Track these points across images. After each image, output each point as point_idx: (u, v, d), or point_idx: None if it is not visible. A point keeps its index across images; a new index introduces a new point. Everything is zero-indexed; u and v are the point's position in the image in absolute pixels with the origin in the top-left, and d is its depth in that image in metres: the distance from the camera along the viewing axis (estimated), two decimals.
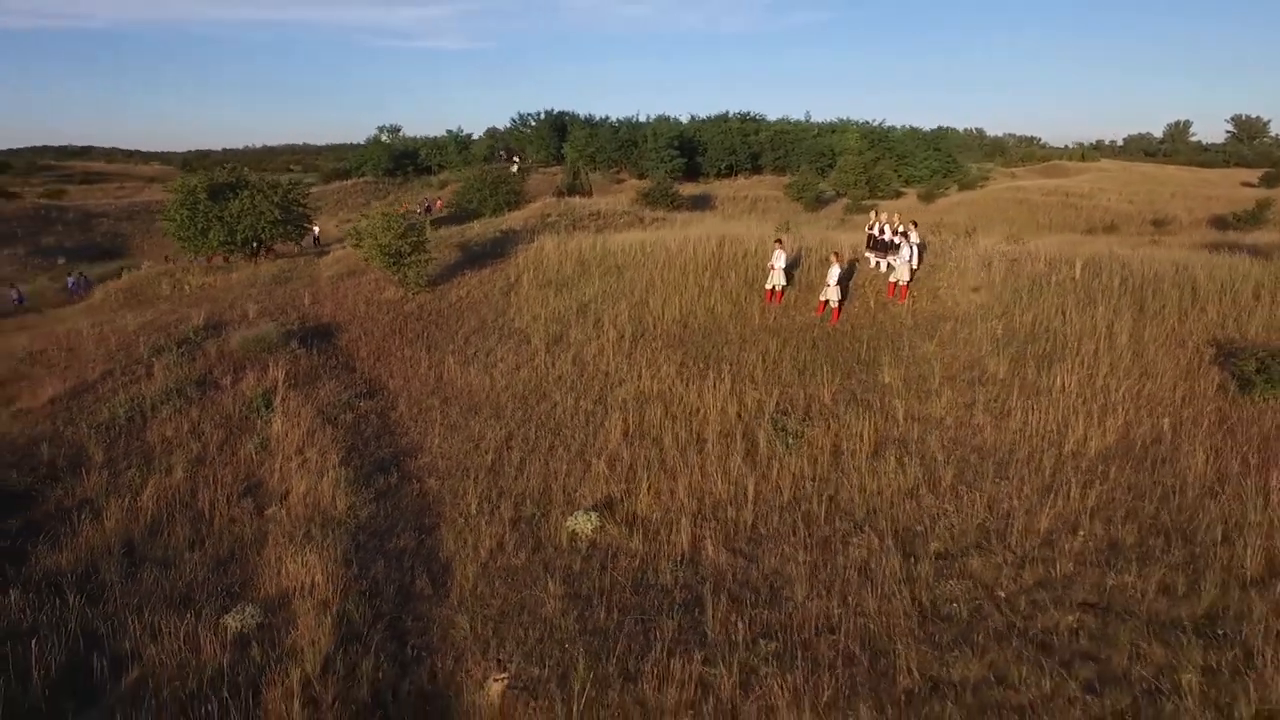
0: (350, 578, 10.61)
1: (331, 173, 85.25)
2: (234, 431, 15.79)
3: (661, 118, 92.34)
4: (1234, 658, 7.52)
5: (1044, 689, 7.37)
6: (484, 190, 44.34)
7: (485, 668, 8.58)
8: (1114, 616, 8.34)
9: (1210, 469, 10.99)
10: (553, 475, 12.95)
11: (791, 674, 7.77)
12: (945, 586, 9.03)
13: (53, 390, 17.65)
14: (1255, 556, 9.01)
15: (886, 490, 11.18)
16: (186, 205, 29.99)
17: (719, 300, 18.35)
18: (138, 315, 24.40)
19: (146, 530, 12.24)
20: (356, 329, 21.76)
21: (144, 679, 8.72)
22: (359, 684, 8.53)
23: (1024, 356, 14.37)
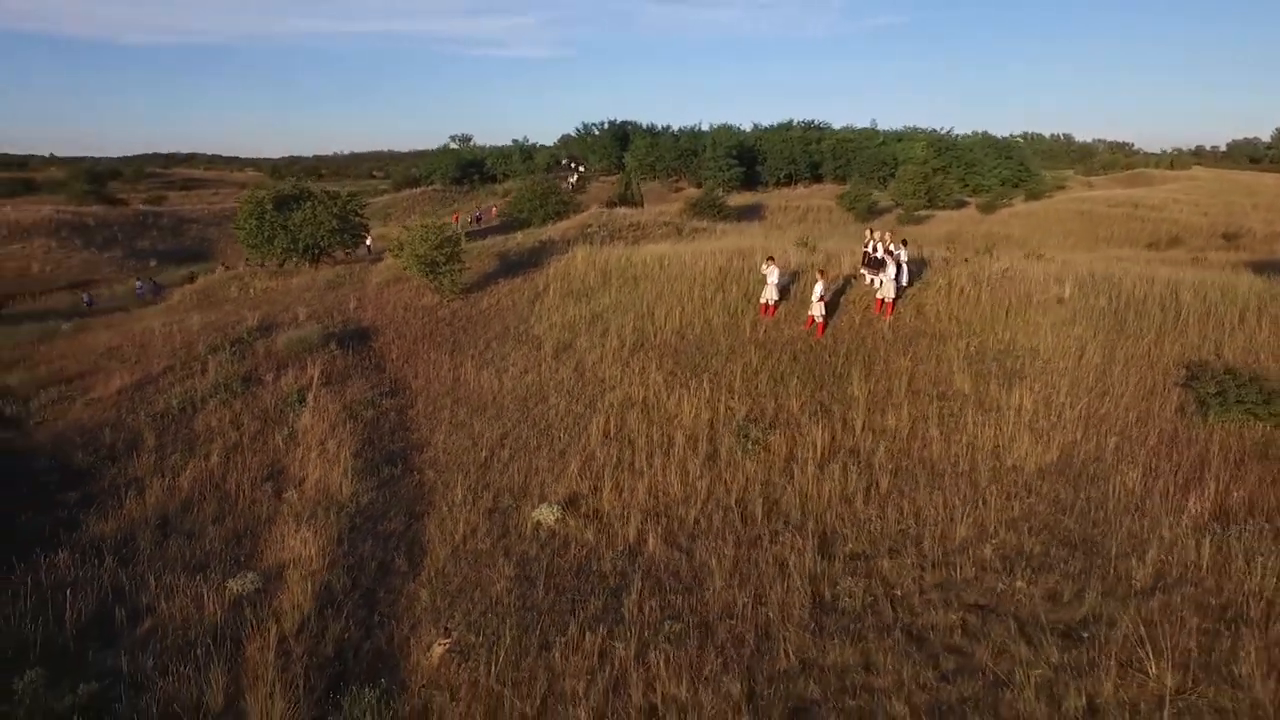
0: (340, 554, 12.10)
1: (403, 180, 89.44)
2: (269, 423, 17.63)
3: (723, 126, 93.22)
4: (1086, 658, 8.14)
5: (903, 675, 8.17)
6: (534, 200, 46.22)
7: (433, 634, 9.87)
8: (995, 617, 9.03)
9: (1140, 487, 11.41)
10: (534, 471, 14.20)
11: (684, 651, 8.78)
12: (848, 583, 9.85)
13: (120, 382, 19.95)
14: (1146, 570, 9.51)
15: (825, 495, 11.99)
16: (254, 215, 32.68)
17: (717, 312, 19.30)
18: (204, 316, 26.90)
19: (180, 506, 14.07)
20: (391, 332, 23.55)
21: (154, 629, 10.37)
22: (326, 642, 9.95)
23: (990, 373, 14.85)
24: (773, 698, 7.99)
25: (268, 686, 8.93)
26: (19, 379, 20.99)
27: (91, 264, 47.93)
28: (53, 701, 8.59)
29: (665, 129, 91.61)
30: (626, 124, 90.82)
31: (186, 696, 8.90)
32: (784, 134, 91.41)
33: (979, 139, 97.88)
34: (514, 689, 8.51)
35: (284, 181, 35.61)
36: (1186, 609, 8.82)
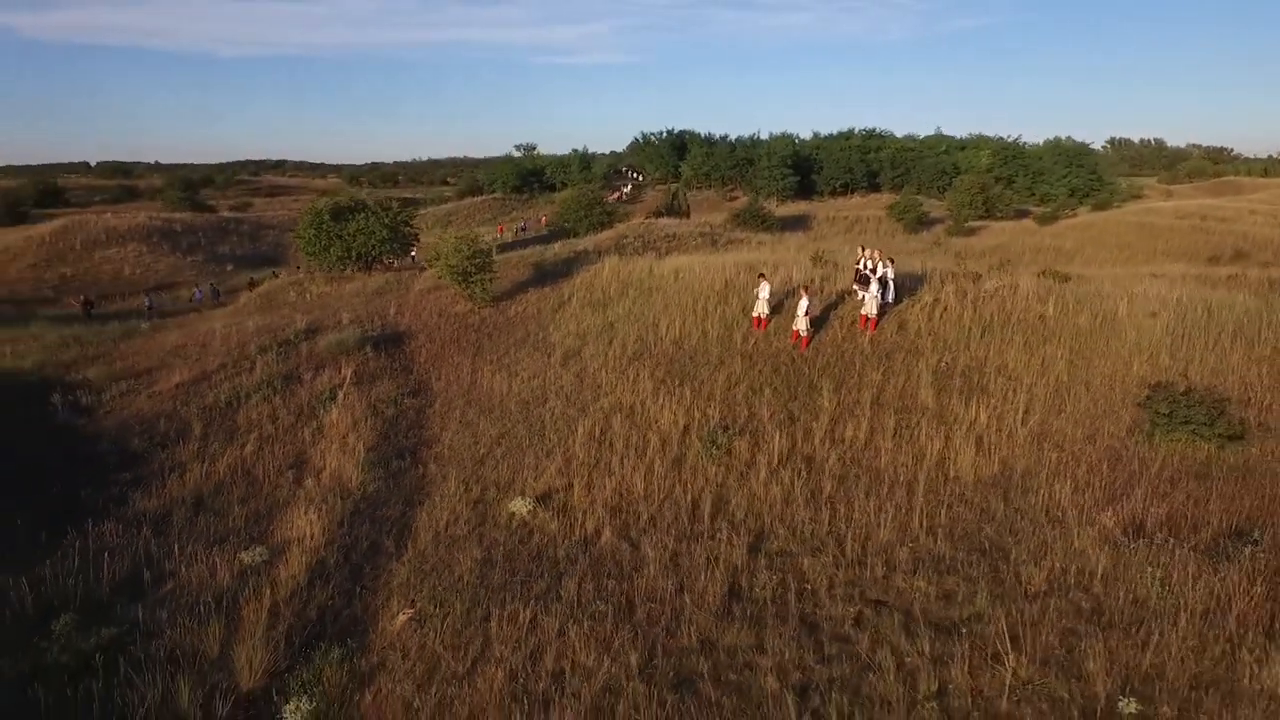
0: (338, 534, 13.72)
1: (466, 188, 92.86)
2: (301, 417, 19.56)
3: (783, 135, 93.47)
4: (954, 650, 8.97)
5: (786, 657, 9.16)
6: (580, 211, 47.92)
7: (400, 605, 11.32)
8: (888, 611, 9.91)
9: (1068, 501, 12.00)
10: (520, 468, 15.58)
11: (602, 627, 9.97)
12: (764, 576, 10.85)
13: (179, 377, 22.30)
14: (1041, 576, 10.21)
15: (770, 498, 12.97)
16: (313, 225, 35.30)
17: (713, 324, 20.34)
18: (262, 319, 29.37)
19: (213, 488, 16.01)
20: (423, 337, 25.39)
21: (173, 589, 12.15)
22: (311, 608, 11.52)
23: (954, 389, 15.49)
24: (664, 669, 9.11)
25: (254, 640, 10.53)
26: (96, 372, 23.60)
27: (176, 267, 52.05)
28: (80, 642, 10.40)
29: (723, 138, 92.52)
30: (684, 133, 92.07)
31: (188, 644, 10.59)
32: (842, 143, 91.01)
33: (1048, 147, 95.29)
34: (452, 651, 9.87)
35: (360, 188, 38.14)
36: (1064, 612, 9.52)
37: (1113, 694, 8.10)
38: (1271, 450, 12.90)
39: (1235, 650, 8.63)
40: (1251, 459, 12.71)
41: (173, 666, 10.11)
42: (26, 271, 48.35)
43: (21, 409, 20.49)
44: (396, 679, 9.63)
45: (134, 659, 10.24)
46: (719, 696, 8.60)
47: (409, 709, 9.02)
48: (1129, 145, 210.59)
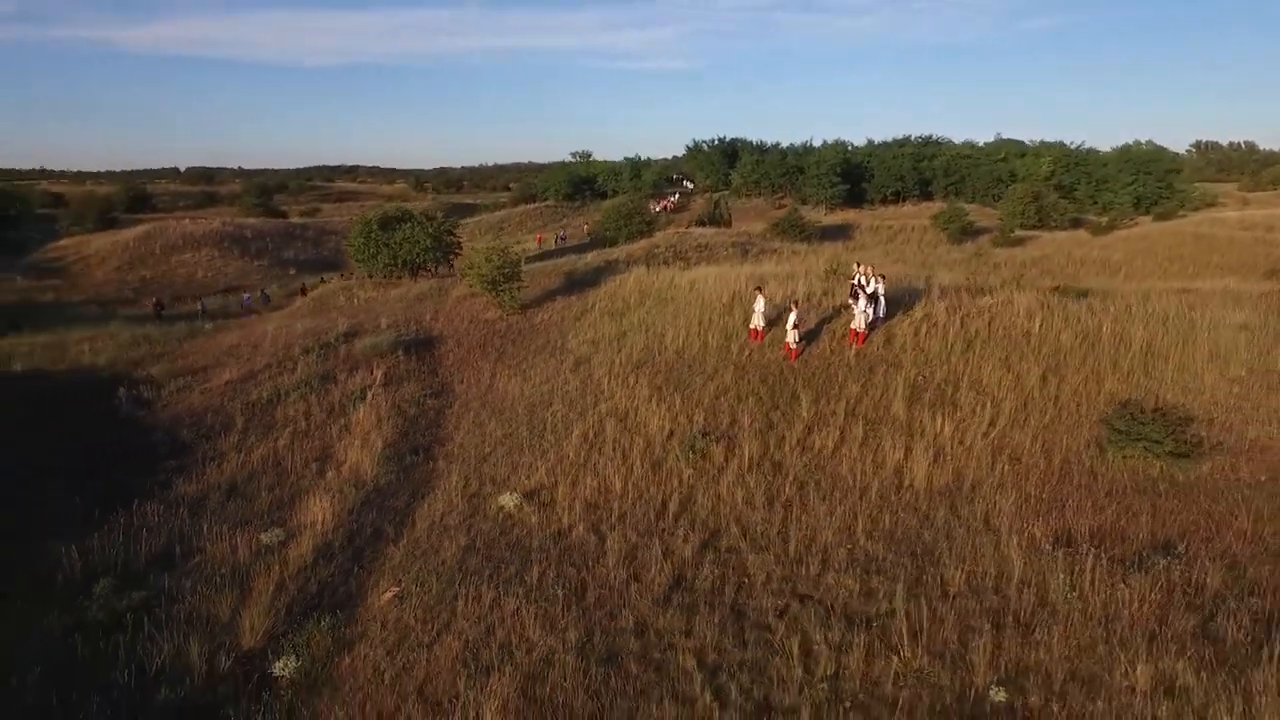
0: (347, 520, 15.28)
1: (520, 195, 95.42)
2: (332, 415, 21.35)
3: (834, 143, 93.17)
4: (859, 640, 9.86)
5: (708, 640, 10.19)
6: (619, 220, 49.30)
7: (388, 584, 12.75)
8: (812, 604, 10.83)
9: (1010, 510, 12.65)
10: (517, 466, 16.90)
11: (553, 608, 11.17)
12: (709, 570, 11.87)
13: (229, 375, 24.46)
14: (961, 578, 10.97)
15: (733, 499, 13.96)
16: (363, 233, 37.59)
17: (714, 335, 21.32)
18: (311, 322, 31.60)
19: (246, 476, 17.83)
20: (453, 342, 27.08)
21: (199, 563, 13.87)
22: (313, 583, 13.06)
23: (926, 402, 16.15)
24: (599, 646, 10.25)
25: (259, 608, 12.10)
26: (159, 369, 26.00)
27: (244, 271, 55.56)
28: (114, 603, 12.16)
29: (774, 146, 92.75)
30: (735, 141, 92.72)
31: (204, 609, 12.23)
32: (896, 150, 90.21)
33: (1115, 153, 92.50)
34: (421, 624, 11.22)
35: (424, 194, 40.28)
36: (972, 611, 10.28)
37: (990, 684, 8.88)
38: (1221, 468, 13.25)
39: (1116, 650, 9.28)
40: (1200, 476, 13.10)
41: (188, 627, 11.74)
42: (112, 274, 52.41)
43: (92, 402, 22.85)
44: (372, 645, 11.03)
45: (157, 619, 11.92)
46: (639, 671, 9.70)
47: (377, 670, 10.39)
48: (1216, 149, 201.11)
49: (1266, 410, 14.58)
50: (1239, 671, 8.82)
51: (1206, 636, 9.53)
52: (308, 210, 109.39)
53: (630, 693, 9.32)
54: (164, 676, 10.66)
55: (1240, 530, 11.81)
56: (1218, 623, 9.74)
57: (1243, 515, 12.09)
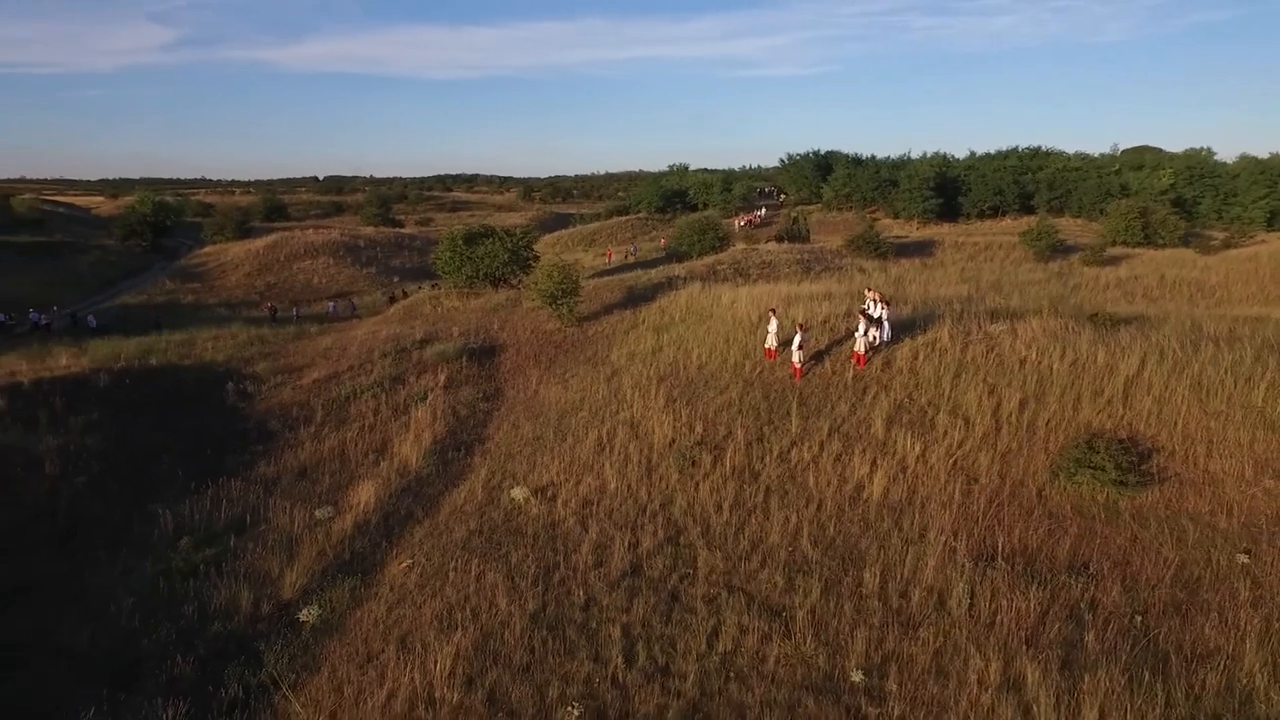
0: (387, 503, 17.98)
1: (613, 208, 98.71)
2: (396, 412, 24.38)
3: (935, 155, 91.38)
4: (765, 626, 11.46)
5: (640, 615, 12.04)
6: (693, 236, 51.14)
7: (405, 556, 15.26)
8: (739, 595, 12.46)
9: (945, 526, 13.79)
10: (536, 464, 19.15)
11: (523, 581, 13.31)
12: (661, 559, 13.68)
13: (318, 374, 28.09)
14: (877, 581, 12.33)
15: (704, 502, 15.67)
16: (449, 247, 41.20)
17: (734, 352, 22.92)
18: (396, 328, 35.21)
19: (315, 462, 20.97)
20: (512, 350, 29.81)
21: (264, 530, 16.88)
22: (346, 551, 15.75)
23: (905, 423, 17.24)
24: (549, 614, 12.29)
25: (302, 568, 14.88)
26: (263, 367, 30.03)
27: (354, 279, 61.07)
28: (193, 556, 15.27)
29: (870, 158, 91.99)
30: (830, 154, 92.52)
31: (259, 566, 15.12)
32: (999, 163, 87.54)
33: (1244, 163, 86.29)
34: (418, 589, 13.62)
35: (532, 203, 43.71)
36: (874, 609, 11.66)
37: (855, 668, 10.32)
38: (1167, 498, 13.83)
39: (980, 650, 10.48)
40: (1143, 505, 13.75)
41: (244, 579, 14.64)
42: (242, 279, 58.92)
43: (207, 393, 26.90)
44: (378, 603, 13.52)
45: (222, 571, 14.91)
46: (574, 637, 11.68)
47: (375, 622, 12.84)
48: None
49: (1233, 444, 14.87)
50: (1078, 674, 9.89)
51: (1068, 644, 10.57)
52: (421, 220, 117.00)
53: (560, 652, 11.33)
54: (219, 614, 13.54)
55: (1162, 556, 12.52)
56: (1085, 634, 10.73)
57: (1168, 543, 12.77)
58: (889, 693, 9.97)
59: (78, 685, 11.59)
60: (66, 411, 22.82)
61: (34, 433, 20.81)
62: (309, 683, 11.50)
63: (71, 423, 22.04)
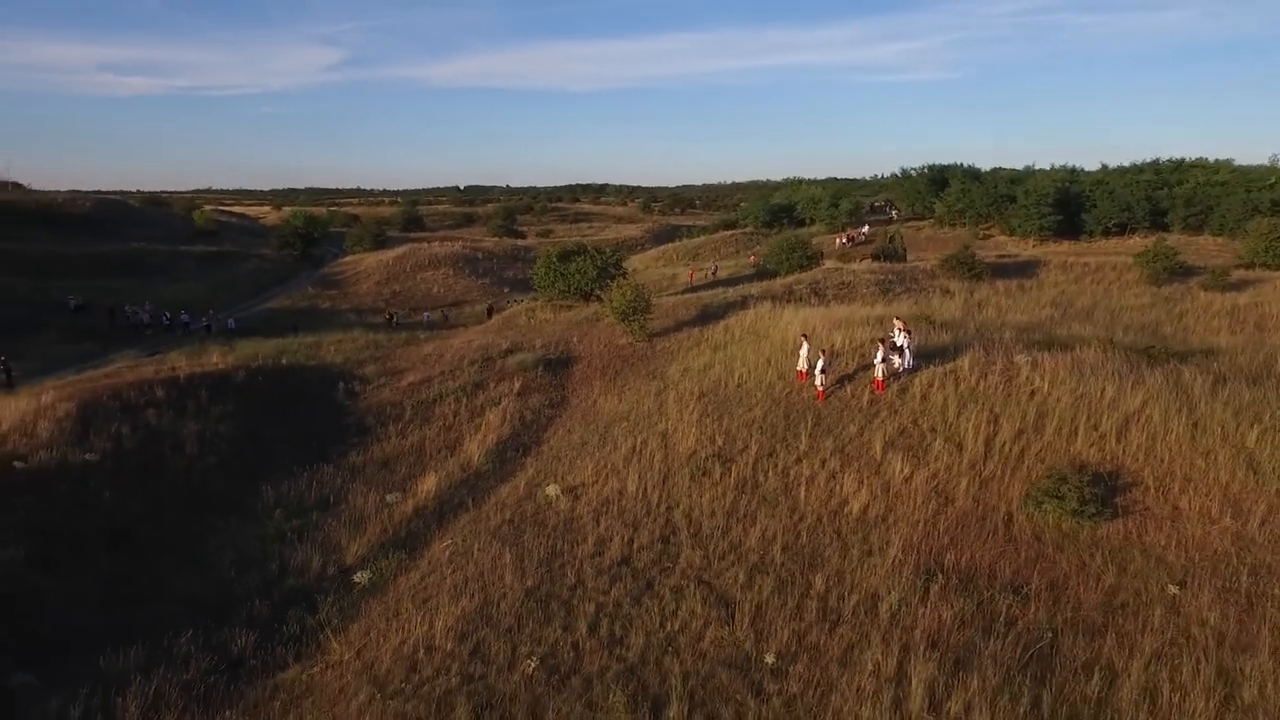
0: (445, 493, 21.04)
1: (721, 222, 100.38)
2: (473, 415, 27.65)
3: (1060, 169, 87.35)
4: (714, 614, 13.38)
5: (614, 597, 14.25)
6: (782, 254, 52.34)
7: (448, 538, 18.16)
8: (705, 586, 14.39)
9: (904, 541, 15.13)
10: (574, 467, 21.69)
11: (531, 563, 15.81)
12: (648, 553, 15.81)
13: (414, 378, 31.92)
14: (823, 584, 13.95)
15: (702, 507, 17.64)
16: (544, 264, 44.71)
17: (771, 372, 24.57)
18: (489, 338, 38.88)
19: (396, 455, 24.46)
20: (584, 362, 32.60)
21: (343, 509, 20.31)
22: (404, 530, 18.86)
23: (901, 446, 18.43)
24: (543, 590, 14.71)
25: (365, 541, 18.11)
26: (372, 369, 34.26)
27: (468, 289, 66.31)
28: (283, 525, 18.85)
29: (991, 170, 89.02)
30: (946, 168, 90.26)
31: (332, 537, 18.48)
32: (1133, 176, 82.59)
33: None
34: (447, 563, 16.44)
35: (650, 213, 46.63)
36: (808, 606, 13.32)
37: (770, 651, 12.10)
38: (1128, 530, 14.52)
39: (886, 646, 11.97)
40: (1102, 535, 14.51)
41: (319, 546, 18.01)
42: (372, 287, 65.38)
43: (322, 392, 31.22)
44: (416, 573, 16.44)
45: (303, 539, 18.36)
46: (555, 608, 14.04)
47: (409, 587, 15.74)
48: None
49: (1211, 482, 15.20)
50: (963, 674, 11.23)
51: (968, 649, 11.86)
52: (542, 231, 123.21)
53: (540, 620, 13.73)
54: (294, 571, 16.92)
55: (1102, 583, 13.41)
56: (989, 642, 11.97)
57: (1110, 571, 13.59)
58: (792, 674, 11.70)
59: (184, 617, 15.11)
60: (209, 402, 27.49)
61: (182, 419, 25.43)
62: (348, 628, 14.50)
63: (211, 412, 26.63)
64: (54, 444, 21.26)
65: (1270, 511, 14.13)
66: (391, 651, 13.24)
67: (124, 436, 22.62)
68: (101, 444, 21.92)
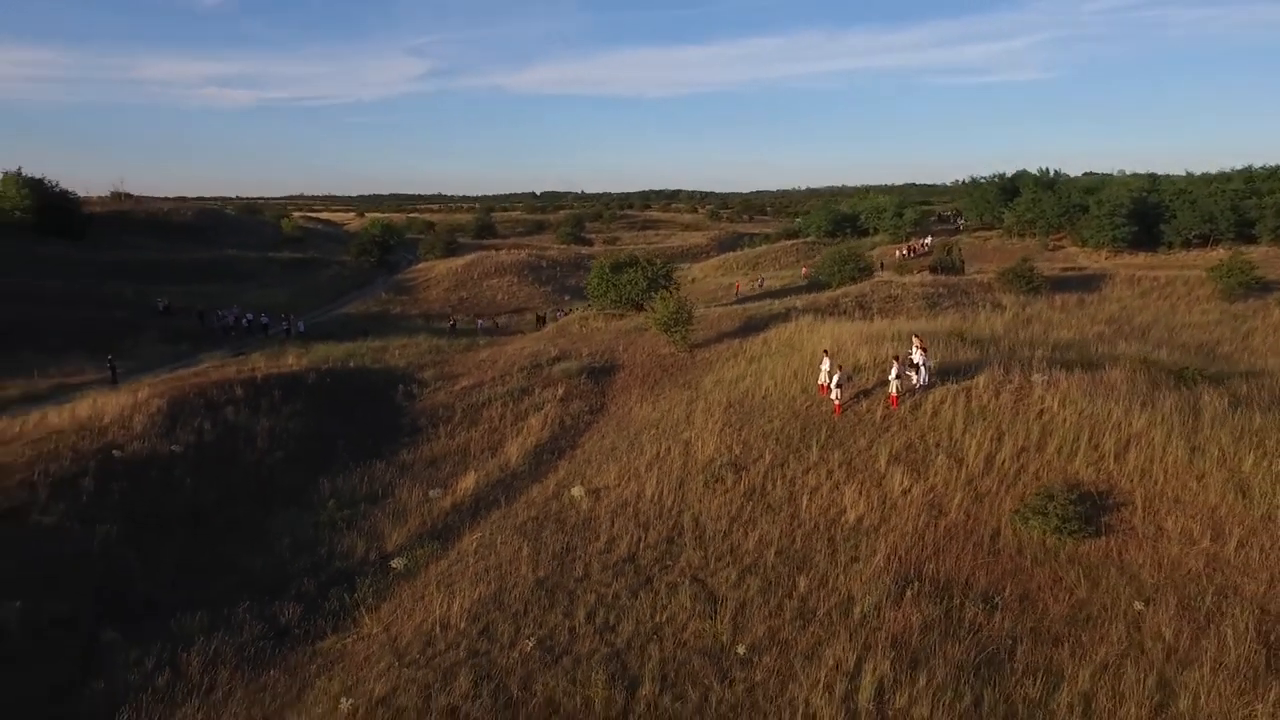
0: (481, 489, 22.87)
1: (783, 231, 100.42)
2: (517, 419, 29.52)
3: (1141, 175, 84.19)
4: (702, 609, 14.63)
5: (614, 589, 15.65)
6: (834, 266, 52.70)
7: (478, 531, 19.92)
8: (698, 585, 15.66)
9: (888, 549, 16.03)
10: (601, 470, 23.21)
11: (546, 554, 17.38)
12: (653, 552, 17.15)
13: (467, 382, 34.07)
14: (806, 585, 15.02)
15: (709, 511, 18.86)
16: (598, 275, 46.51)
17: (798, 385, 25.53)
18: (542, 345, 40.84)
19: (443, 454, 26.49)
20: (626, 371, 34.15)
21: (389, 502, 22.36)
22: (441, 521, 20.73)
23: (904, 460, 19.19)
24: (552, 580, 16.24)
25: (405, 531, 20.06)
26: (430, 373, 36.65)
27: (531, 296, 68.82)
28: (335, 514, 21.01)
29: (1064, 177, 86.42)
30: (1017, 176, 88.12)
31: (377, 527, 20.51)
32: (1219, 185, 79.03)
33: None
34: (474, 554, 18.18)
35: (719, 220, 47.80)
36: (788, 605, 14.42)
37: (742, 643, 13.28)
38: (1110, 548, 15.02)
39: (852, 644, 12.98)
40: (1083, 552, 15.07)
41: (364, 534, 20.04)
42: (441, 294, 68.61)
43: (383, 393, 33.68)
44: (444, 561, 18.24)
45: (351, 527, 20.45)
46: (560, 597, 15.55)
47: (436, 574, 17.53)
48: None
49: (1199, 505, 15.50)
50: (915, 668, 12.17)
51: (927, 650, 12.76)
52: (609, 239, 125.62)
53: (545, 606, 15.25)
54: (340, 555, 18.98)
55: (1074, 596, 14.06)
56: (948, 645, 12.84)
57: (1082, 586, 14.20)
58: (758, 664, 12.85)
59: (243, 591, 17.30)
60: (281, 401, 30.18)
61: (256, 415, 28.12)
62: (380, 606, 16.38)
63: (282, 410, 29.28)
64: (146, 436, 24.08)
65: (1249, 534, 14.45)
66: (413, 628, 14.99)
67: (205, 430, 25.33)
68: (186, 437, 24.65)
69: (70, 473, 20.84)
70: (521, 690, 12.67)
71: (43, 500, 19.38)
